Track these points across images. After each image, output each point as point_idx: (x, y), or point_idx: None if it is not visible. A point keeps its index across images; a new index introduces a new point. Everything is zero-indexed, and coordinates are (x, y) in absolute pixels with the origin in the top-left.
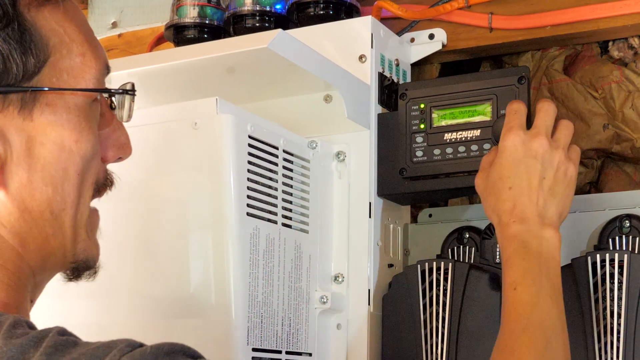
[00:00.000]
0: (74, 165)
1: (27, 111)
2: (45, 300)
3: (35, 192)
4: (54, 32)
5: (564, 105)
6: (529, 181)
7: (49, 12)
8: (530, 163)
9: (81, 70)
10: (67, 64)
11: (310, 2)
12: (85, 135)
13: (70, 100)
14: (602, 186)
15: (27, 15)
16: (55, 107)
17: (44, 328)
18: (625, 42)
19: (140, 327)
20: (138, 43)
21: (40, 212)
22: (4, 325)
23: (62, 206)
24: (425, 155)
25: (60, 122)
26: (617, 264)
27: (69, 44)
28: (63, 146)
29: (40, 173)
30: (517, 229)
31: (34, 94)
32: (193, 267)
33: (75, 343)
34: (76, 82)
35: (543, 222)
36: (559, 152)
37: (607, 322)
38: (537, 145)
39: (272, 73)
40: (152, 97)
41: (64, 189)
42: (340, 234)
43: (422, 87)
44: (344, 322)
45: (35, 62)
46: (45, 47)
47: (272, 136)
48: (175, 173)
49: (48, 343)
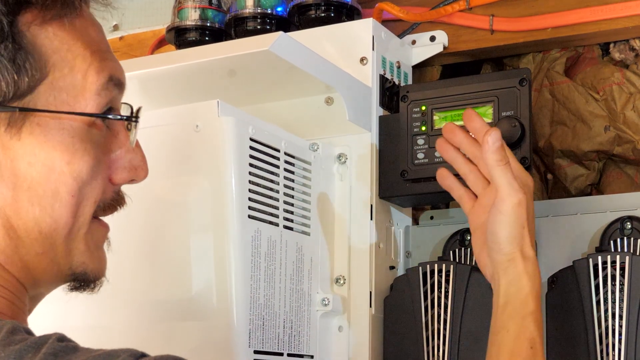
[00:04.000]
0: (65, 186)
1: (15, 130)
2: (45, 304)
3: (21, 211)
4: (56, 50)
5: (565, 107)
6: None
7: (52, 30)
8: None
9: (82, 88)
10: (67, 82)
11: (312, 5)
12: (79, 157)
13: (65, 121)
14: (604, 188)
15: (27, 33)
16: (47, 127)
17: (43, 334)
18: (626, 44)
19: (142, 330)
20: (139, 46)
21: (26, 231)
22: (1, 332)
23: (53, 226)
24: (427, 157)
25: (52, 143)
26: (619, 265)
27: (72, 61)
28: (53, 167)
29: (27, 192)
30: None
31: (23, 114)
32: (195, 270)
33: (75, 349)
34: (75, 102)
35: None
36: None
37: (608, 324)
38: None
39: (274, 75)
40: (154, 100)
41: (54, 210)
42: (342, 236)
43: (423, 90)
44: (345, 324)
45: (29, 81)
46: (44, 65)
47: (274, 139)
48: (176, 176)
49: (47, 350)
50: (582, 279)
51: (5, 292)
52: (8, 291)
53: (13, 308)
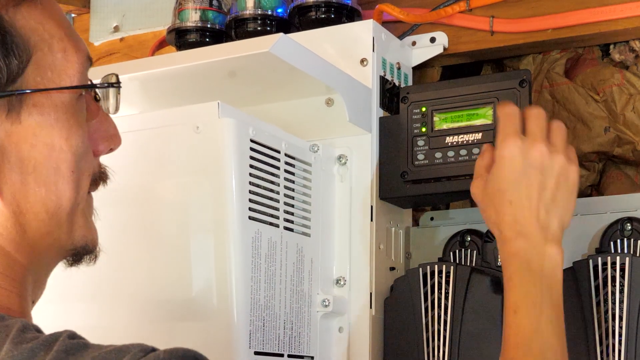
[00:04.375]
0: (66, 162)
1: (15, 114)
2: (46, 304)
3: (29, 194)
4: (34, 30)
5: (565, 108)
6: (529, 194)
7: (26, 11)
8: (530, 174)
9: (64, 66)
10: (49, 61)
11: (312, 6)
12: (74, 132)
13: (56, 98)
14: (604, 189)
15: (5, 17)
16: (43, 107)
17: (54, 332)
18: (626, 45)
19: (143, 331)
20: (140, 47)
21: (35, 214)
22: (12, 330)
23: (57, 204)
24: (427, 158)
25: (49, 121)
26: (619, 267)
27: (49, 40)
28: (53, 145)
29: (32, 175)
30: (519, 246)
31: (19, 97)
32: (195, 271)
33: (86, 346)
34: (60, 79)
35: (545, 237)
36: (559, 157)
37: (608, 325)
38: (537, 154)
39: (274, 77)
40: (154, 101)
41: (58, 188)
42: (342, 237)
43: (423, 91)
44: (345, 325)
45: (18, 63)
46: (27, 46)
47: (274, 140)
48: (177, 177)
49: (59, 347)
50: (582, 280)
51: (14, 285)
52: (17, 283)
53: (22, 302)
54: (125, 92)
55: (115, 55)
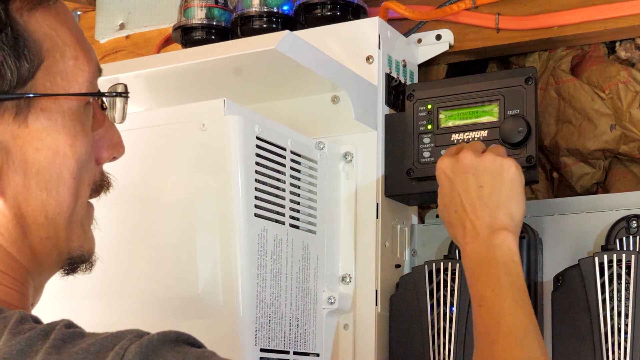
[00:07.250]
0: (68, 169)
1: (22, 117)
2: (51, 301)
3: (30, 198)
4: (47, 35)
5: (571, 105)
6: (467, 198)
7: (41, 16)
8: (461, 179)
9: (74, 73)
10: (60, 68)
11: (318, 3)
12: (80, 139)
13: (64, 104)
14: (609, 186)
15: (20, 20)
16: (50, 112)
17: (51, 322)
18: (632, 43)
19: (148, 328)
20: (145, 44)
21: (34, 218)
22: (10, 321)
23: (57, 210)
24: (433, 156)
25: (55, 127)
26: (625, 264)
27: (62, 47)
28: (58, 151)
29: (35, 178)
30: (471, 248)
31: (28, 100)
32: (201, 268)
33: (82, 334)
34: (69, 86)
35: (492, 229)
36: (486, 155)
37: (614, 323)
38: (462, 158)
39: (280, 74)
40: (160, 99)
41: (58, 193)
42: (348, 234)
43: (429, 88)
44: (351, 322)
45: (29, 67)
46: (39, 51)
47: (280, 137)
48: (183, 174)
49: (56, 335)
50: (588, 278)
51: (16, 284)
52: (19, 282)
53: (23, 300)
54: (131, 90)
55: (120, 52)
